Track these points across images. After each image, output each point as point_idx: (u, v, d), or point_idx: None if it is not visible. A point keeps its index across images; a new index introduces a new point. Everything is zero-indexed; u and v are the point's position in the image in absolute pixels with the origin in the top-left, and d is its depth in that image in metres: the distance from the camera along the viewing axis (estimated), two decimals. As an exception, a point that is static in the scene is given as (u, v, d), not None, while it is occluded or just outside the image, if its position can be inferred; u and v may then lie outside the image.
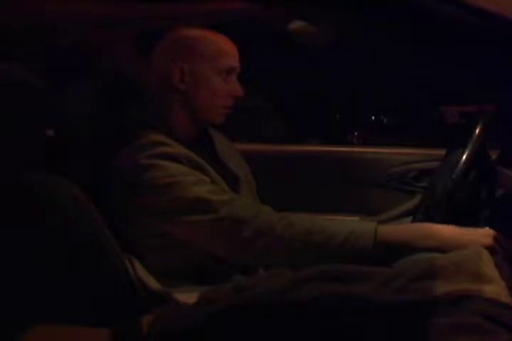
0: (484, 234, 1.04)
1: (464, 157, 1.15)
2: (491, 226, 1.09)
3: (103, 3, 1.40)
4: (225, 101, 1.24)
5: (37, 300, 1.04)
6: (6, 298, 1.03)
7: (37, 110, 1.06)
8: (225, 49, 1.23)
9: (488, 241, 1.02)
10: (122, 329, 0.99)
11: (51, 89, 1.11)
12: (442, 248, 1.01)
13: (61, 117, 1.23)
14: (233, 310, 0.93)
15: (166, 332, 0.95)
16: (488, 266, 0.90)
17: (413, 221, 1.23)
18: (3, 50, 1.19)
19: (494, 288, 0.86)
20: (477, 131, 1.18)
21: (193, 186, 1.11)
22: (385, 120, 2.93)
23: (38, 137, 1.08)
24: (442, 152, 1.40)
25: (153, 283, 1.11)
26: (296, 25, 1.81)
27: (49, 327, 1.00)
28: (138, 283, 1.10)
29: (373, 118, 2.94)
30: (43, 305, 1.04)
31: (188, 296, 1.05)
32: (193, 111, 1.23)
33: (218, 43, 1.22)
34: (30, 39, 1.30)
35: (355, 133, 2.71)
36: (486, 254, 0.93)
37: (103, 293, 1.08)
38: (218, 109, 1.24)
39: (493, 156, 1.33)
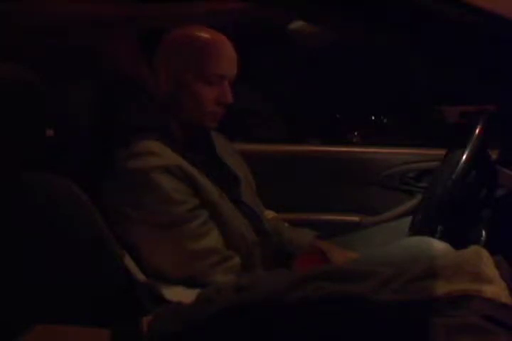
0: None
1: (464, 157, 1.15)
2: (491, 227, 1.09)
3: (103, 3, 1.40)
4: (213, 107, 1.21)
5: (37, 300, 1.04)
6: (6, 298, 1.03)
7: (37, 110, 1.06)
8: (219, 54, 1.19)
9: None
10: (122, 329, 0.98)
11: (51, 89, 1.11)
12: None
13: (61, 117, 1.23)
14: (233, 310, 0.93)
15: (166, 332, 0.95)
16: (488, 266, 0.90)
17: (413, 221, 1.23)
18: (3, 50, 1.19)
19: (494, 288, 0.86)
20: (477, 131, 1.18)
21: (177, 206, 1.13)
22: (385, 120, 2.92)
23: (38, 137, 1.08)
24: (442, 152, 1.40)
25: (153, 283, 1.11)
26: (296, 25, 1.80)
27: (49, 327, 1.00)
28: (138, 283, 1.10)
29: (373, 118, 2.93)
30: (43, 305, 1.04)
31: (187, 296, 1.05)
32: (183, 115, 1.22)
33: (213, 49, 1.19)
34: (30, 39, 1.30)
35: (355, 133, 2.70)
36: (486, 254, 0.93)
37: (103, 293, 1.08)
38: (206, 114, 1.22)
39: (493, 156, 1.33)
